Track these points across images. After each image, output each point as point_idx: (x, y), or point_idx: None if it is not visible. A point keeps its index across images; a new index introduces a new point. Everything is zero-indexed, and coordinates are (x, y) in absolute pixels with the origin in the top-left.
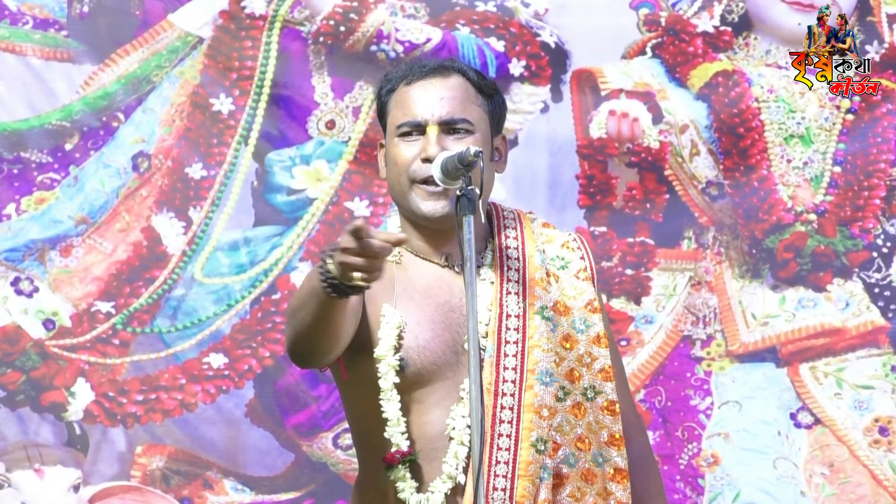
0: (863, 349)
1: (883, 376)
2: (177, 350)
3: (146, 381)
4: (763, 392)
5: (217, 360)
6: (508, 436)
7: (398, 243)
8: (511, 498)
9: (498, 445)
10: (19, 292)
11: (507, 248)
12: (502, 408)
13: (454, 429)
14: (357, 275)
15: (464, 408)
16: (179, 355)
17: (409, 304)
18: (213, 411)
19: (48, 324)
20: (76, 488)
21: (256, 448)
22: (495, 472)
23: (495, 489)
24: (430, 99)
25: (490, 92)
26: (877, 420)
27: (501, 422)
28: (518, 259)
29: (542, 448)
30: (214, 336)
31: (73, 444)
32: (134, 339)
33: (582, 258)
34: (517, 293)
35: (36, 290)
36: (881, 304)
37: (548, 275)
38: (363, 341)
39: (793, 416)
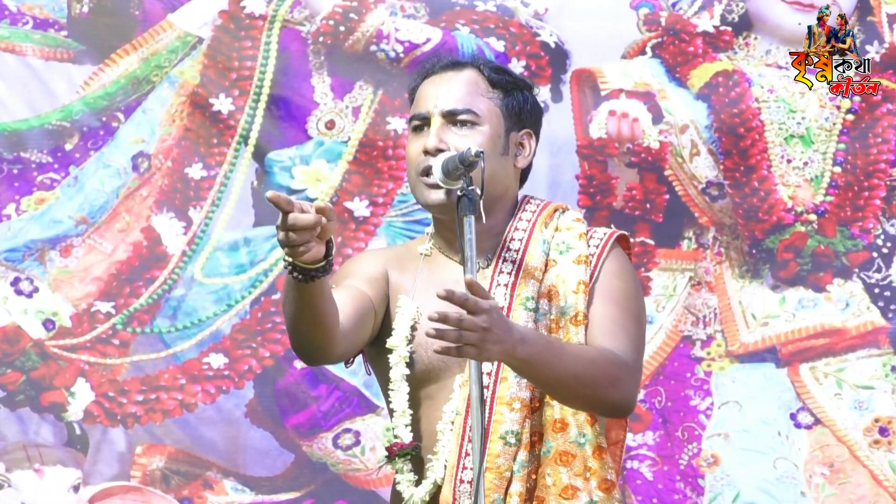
0: (863, 349)
1: (883, 376)
2: (177, 350)
3: (146, 381)
4: (763, 392)
5: (217, 360)
6: None
7: (319, 211)
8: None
9: (468, 438)
10: (19, 292)
11: (512, 239)
12: None
13: (441, 431)
14: (300, 248)
15: (452, 403)
16: (179, 355)
17: (425, 298)
18: (213, 411)
19: (48, 324)
20: (76, 488)
21: (256, 448)
22: (464, 464)
23: (462, 482)
24: (438, 91)
25: (508, 86)
26: (877, 420)
27: None
28: (518, 251)
29: (513, 441)
30: (214, 336)
31: (73, 445)
32: (134, 339)
33: (590, 247)
34: (506, 285)
35: (36, 290)
36: (881, 304)
37: (546, 263)
38: (386, 334)
39: (793, 417)
